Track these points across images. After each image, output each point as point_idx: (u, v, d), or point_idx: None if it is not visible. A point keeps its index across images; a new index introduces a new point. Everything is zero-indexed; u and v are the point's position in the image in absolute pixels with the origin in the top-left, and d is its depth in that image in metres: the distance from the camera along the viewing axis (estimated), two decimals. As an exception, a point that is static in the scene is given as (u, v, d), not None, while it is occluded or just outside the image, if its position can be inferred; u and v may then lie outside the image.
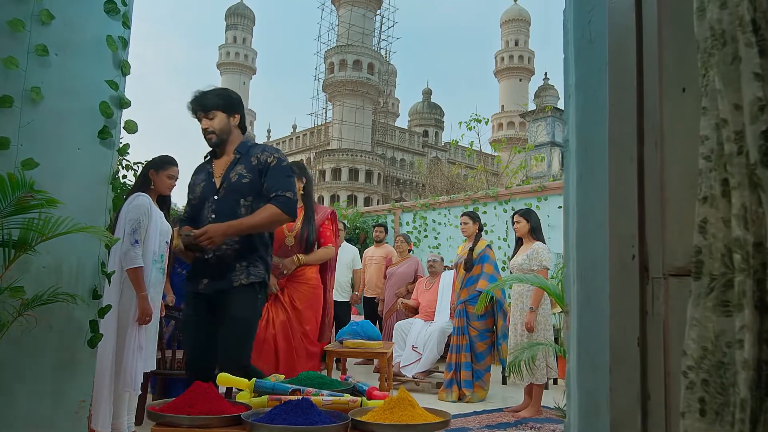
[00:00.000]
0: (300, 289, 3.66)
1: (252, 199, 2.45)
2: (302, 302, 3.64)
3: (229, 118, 2.53)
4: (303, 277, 3.68)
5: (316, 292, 3.72)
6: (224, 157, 2.56)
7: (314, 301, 3.71)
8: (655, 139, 1.07)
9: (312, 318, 3.68)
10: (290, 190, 2.47)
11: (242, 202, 2.45)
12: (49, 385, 2.13)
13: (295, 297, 3.63)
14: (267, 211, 2.40)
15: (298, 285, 3.66)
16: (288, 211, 2.43)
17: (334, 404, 1.82)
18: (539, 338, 4.14)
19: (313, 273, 3.74)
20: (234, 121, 2.56)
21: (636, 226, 1.08)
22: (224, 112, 2.52)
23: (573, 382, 1.24)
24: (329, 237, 3.83)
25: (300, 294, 3.65)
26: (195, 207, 2.56)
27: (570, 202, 1.29)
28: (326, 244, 3.80)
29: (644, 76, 1.11)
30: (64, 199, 2.15)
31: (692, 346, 0.83)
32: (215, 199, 2.48)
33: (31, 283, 2.06)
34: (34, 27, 2.18)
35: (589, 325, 1.18)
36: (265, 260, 2.51)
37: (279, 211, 2.41)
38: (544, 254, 4.25)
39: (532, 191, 7.46)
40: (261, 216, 2.40)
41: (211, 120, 2.50)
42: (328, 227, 3.85)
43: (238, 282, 2.40)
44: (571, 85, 1.31)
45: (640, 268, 1.06)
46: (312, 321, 3.68)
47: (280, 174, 2.49)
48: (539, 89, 34.66)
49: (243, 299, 2.41)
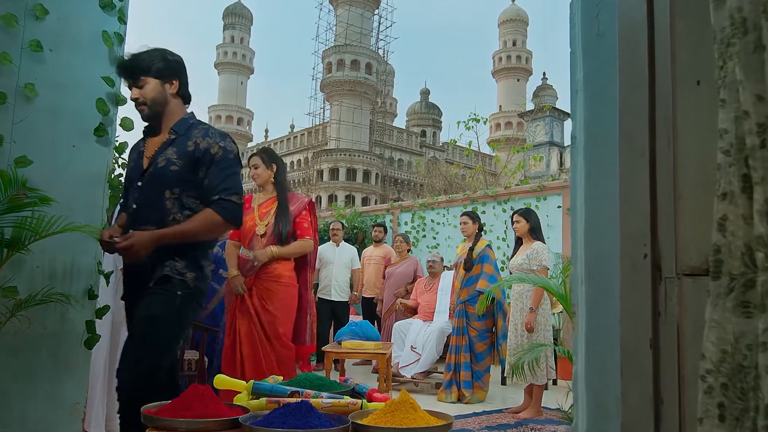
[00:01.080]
0: (270, 288, 3.31)
1: (179, 192, 2.07)
2: (273, 302, 3.29)
3: (163, 85, 2.14)
4: (273, 273, 3.32)
5: (289, 291, 3.37)
6: (160, 135, 2.17)
7: (288, 300, 3.36)
8: (668, 133, 1.04)
9: (285, 320, 3.33)
10: (237, 193, 2.09)
11: (167, 194, 2.07)
12: (43, 387, 2.10)
13: (266, 297, 3.30)
14: (205, 218, 2.04)
15: (268, 283, 3.32)
16: (231, 218, 2.09)
17: (333, 407, 1.78)
18: (539, 338, 4.11)
19: (286, 269, 3.37)
20: (171, 88, 2.16)
21: (648, 224, 1.04)
22: (157, 77, 2.12)
23: (581, 385, 1.20)
24: (306, 229, 3.48)
25: (271, 293, 3.31)
26: (125, 193, 2.25)
27: (577, 199, 1.26)
28: (303, 236, 3.44)
29: (656, 69, 1.07)
30: (58, 197, 2.12)
31: (711, 349, 0.80)
32: (138, 186, 2.12)
33: (25, 283, 2.03)
34: (28, 22, 2.14)
35: (597, 326, 1.14)
36: (196, 259, 2.12)
37: (220, 218, 2.05)
38: (544, 254, 4.22)
39: (531, 191, 7.43)
40: (196, 223, 2.04)
41: (141, 88, 2.11)
42: (305, 218, 3.50)
43: (153, 281, 2.04)
44: (579, 80, 1.27)
45: (653, 268, 1.03)
46: (285, 323, 3.34)
47: (226, 171, 2.10)
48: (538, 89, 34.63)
49: (155, 297, 2.02)
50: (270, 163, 3.46)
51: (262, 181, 3.48)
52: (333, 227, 6.72)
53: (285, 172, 3.58)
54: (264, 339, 3.25)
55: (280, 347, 3.28)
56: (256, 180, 3.49)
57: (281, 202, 3.40)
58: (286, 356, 3.30)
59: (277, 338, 3.27)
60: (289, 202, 3.45)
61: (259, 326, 3.25)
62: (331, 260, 6.46)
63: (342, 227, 6.82)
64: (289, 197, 3.51)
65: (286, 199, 3.45)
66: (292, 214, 3.42)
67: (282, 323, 3.30)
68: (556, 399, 4.58)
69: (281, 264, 3.35)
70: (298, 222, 3.45)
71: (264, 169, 3.46)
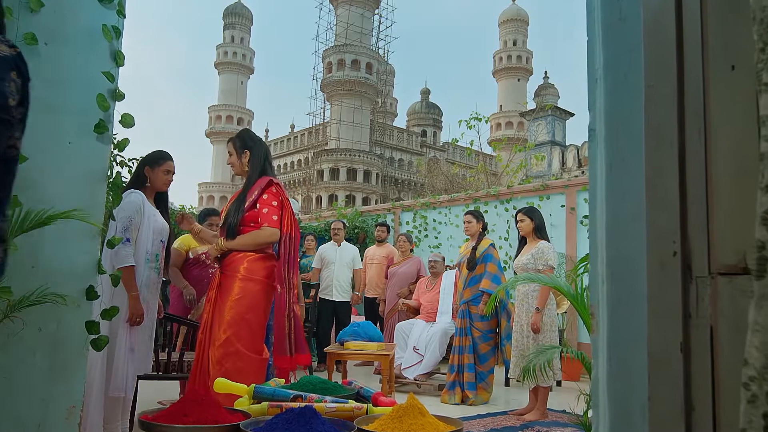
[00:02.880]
0: (225, 284, 2.84)
1: None
2: (224, 300, 2.79)
3: None
4: (231, 267, 2.85)
5: (251, 288, 2.82)
6: None
7: (251, 299, 2.80)
8: (699, 122, 0.97)
9: (239, 321, 2.75)
10: None
11: None
12: (38, 390, 2.03)
13: (220, 295, 2.83)
14: None
15: (224, 279, 2.86)
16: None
17: (338, 411, 1.72)
18: (545, 339, 4.04)
19: (247, 261, 2.85)
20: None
21: (677, 220, 0.97)
22: None
23: (602, 391, 1.13)
24: (266, 215, 2.88)
25: (224, 290, 2.82)
26: None
27: (598, 194, 1.19)
28: (261, 224, 2.87)
29: (685, 54, 1.01)
30: (55, 195, 2.07)
31: (755, 355, 0.73)
32: None
33: (19, 284, 1.96)
34: (22, 14, 2.08)
35: (621, 328, 1.08)
36: None
37: None
38: (550, 253, 4.15)
39: (533, 190, 7.37)
40: None
41: None
42: (266, 203, 2.91)
43: None
44: (599, 68, 1.21)
45: (683, 267, 0.96)
46: (244, 325, 2.76)
47: None
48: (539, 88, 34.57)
49: None
50: (242, 150, 3.05)
51: (238, 171, 3.09)
52: (334, 227, 6.66)
53: (260, 157, 3.07)
54: (210, 341, 2.74)
55: (229, 356, 2.70)
56: (234, 170, 3.11)
57: (243, 191, 3.00)
58: (239, 368, 2.69)
59: (222, 345, 2.70)
60: (252, 186, 2.99)
61: (207, 329, 2.78)
62: (332, 260, 6.41)
63: (343, 227, 6.76)
64: (258, 181, 3.01)
65: (249, 185, 2.99)
66: (250, 202, 2.93)
67: (230, 325, 2.73)
68: (563, 401, 4.52)
69: (240, 255, 2.86)
70: (258, 209, 2.91)
71: (236, 157, 3.08)
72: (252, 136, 3.19)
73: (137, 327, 2.72)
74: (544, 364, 2.59)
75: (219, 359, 2.69)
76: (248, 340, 2.78)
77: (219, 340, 2.71)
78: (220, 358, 2.69)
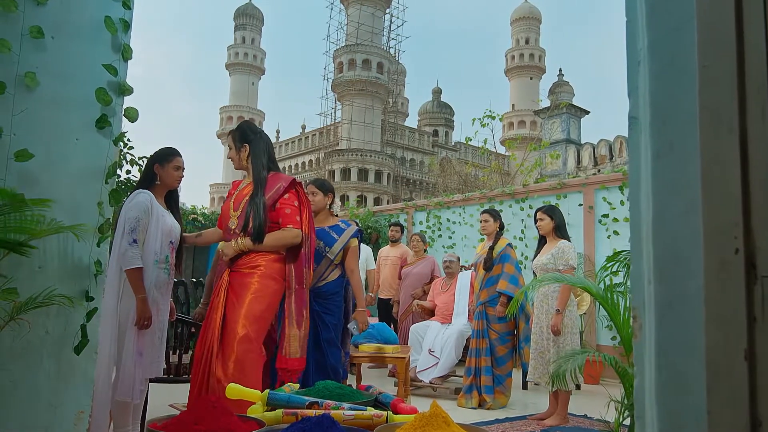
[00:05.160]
0: (243, 281, 2.70)
1: None
2: (241, 296, 2.66)
3: None
4: (249, 264, 2.73)
5: (268, 285, 2.71)
6: None
7: (270, 297, 2.71)
8: (762, 104, 0.87)
9: (254, 316, 2.64)
10: None
11: None
12: (44, 394, 1.96)
13: (234, 291, 2.69)
14: None
15: (241, 275, 2.72)
16: None
17: (356, 419, 1.63)
18: (566, 342, 3.93)
19: (267, 259, 2.74)
20: None
21: (740, 213, 0.87)
22: None
23: (650, 401, 1.03)
24: (290, 216, 2.78)
25: (241, 286, 2.69)
26: None
27: (641, 187, 1.09)
28: (284, 225, 2.77)
29: (744, 30, 0.91)
30: (62, 192, 2.01)
31: None
32: None
33: (25, 285, 1.90)
34: (27, 7, 2.02)
35: (672, 333, 0.98)
36: None
37: None
38: (571, 253, 4.03)
39: (550, 188, 7.23)
40: None
41: None
42: (288, 203, 2.81)
43: None
44: (642, 49, 1.11)
45: (746, 265, 0.86)
46: (255, 320, 2.64)
47: None
48: (554, 85, 34.16)
49: None
50: (241, 143, 2.90)
51: (239, 165, 2.95)
52: (347, 227, 6.57)
53: (262, 148, 2.91)
54: (215, 342, 2.61)
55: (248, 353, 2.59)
56: (234, 164, 2.98)
57: (255, 186, 2.81)
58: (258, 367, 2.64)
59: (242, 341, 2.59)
60: (266, 185, 2.82)
61: (216, 325, 2.63)
62: (345, 260, 6.31)
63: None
64: (270, 179, 2.85)
65: (261, 183, 2.80)
66: (270, 200, 2.78)
67: (249, 321, 2.62)
68: (583, 405, 4.40)
69: (258, 255, 2.75)
70: (279, 208, 2.79)
71: (235, 151, 2.93)
72: (252, 128, 3.02)
73: (146, 330, 2.64)
74: (574, 368, 2.48)
75: (239, 356, 2.57)
76: (261, 339, 2.71)
77: (237, 336, 2.59)
78: (241, 354, 2.57)
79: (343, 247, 3.58)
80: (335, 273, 3.54)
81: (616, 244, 6.18)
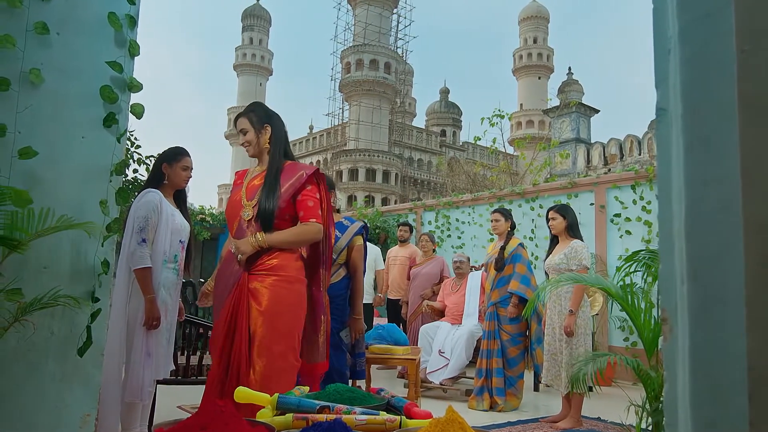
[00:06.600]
0: (265, 284, 2.37)
1: None
2: (273, 303, 2.35)
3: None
4: (268, 265, 2.40)
5: (294, 289, 2.43)
6: None
7: (292, 300, 2.42)
8: (809, 92, 0.81)
9: (287, 327, 2.38)
10: None
11: None
12: (50, 397, 1.93)
13: (256, 297, 2.36)
14: None
15: (260, 278, 2.38)
16: None
17: (369, 425, 1.57)
18: (579, 343, 3.86)
19: (287, 260, 2.43)
20: None
21: (784, 208, 0.81)
22: None
23: (683, 408, 0.97)
24: (311, 209, 2.46)
25: (263, 292, 2.36)
26: None
27: (673, 182, 1.03)
28: (307, 219, 2.44)
29: (788, 13, 0.85)
30: (67, 191, 1.98)
31: None
32: None
33: (31, 286, 1.86)
34: (32, 3, 1.98)
35: (708, 337, 0.92)
36: None
37: None
38: (584, 252, 3.96)
39: (561, 188, 7.15)
40: None
41: None
42: (309, 195, 2.49)
43: None
44: (672, 36, 1.05)
45: (792, 264, 0.80)
46: (286, 332, 2.38)
47: None
48: (563, 84, 33.92)
49: None
50: (262, 124, 2.55)
51: (256, 151, 2.58)
52: (356, 227, 6.52)
53: (284, 134, 2.61)
54: (244, 359, 2.30)
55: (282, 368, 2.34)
56: (247, 150, 2.59)
57: (269, 173, 2.50)
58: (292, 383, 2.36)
59: (282, 357, 2.34)
60: (284, 173, 2.51)
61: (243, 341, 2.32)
62: (354, 261, 6.27)
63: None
64: (287, 168, 2.53)
65: (277, 168, 2.51)
66: (289, 190, 2.47)
67: (283, 333, 2.37)
68: (596, 407, 4.33)
69: (280, 254, 2.42)
70: (301, 200, 2.47)
71: (254, 134, 2.55)
72: (269, 109, 2.67)
73: (154, 331, 2.61)
74: (594, 371, 2.42)
75: (277, 374, 2.31)
76: (297, 350, 2.44)
77: (272, 354, 2.32)
78: (277, 373, 2.31)
79: (346, 245, 3.47)
80: (339, 274, 3.45)
81: (628, 243, 6.09)
